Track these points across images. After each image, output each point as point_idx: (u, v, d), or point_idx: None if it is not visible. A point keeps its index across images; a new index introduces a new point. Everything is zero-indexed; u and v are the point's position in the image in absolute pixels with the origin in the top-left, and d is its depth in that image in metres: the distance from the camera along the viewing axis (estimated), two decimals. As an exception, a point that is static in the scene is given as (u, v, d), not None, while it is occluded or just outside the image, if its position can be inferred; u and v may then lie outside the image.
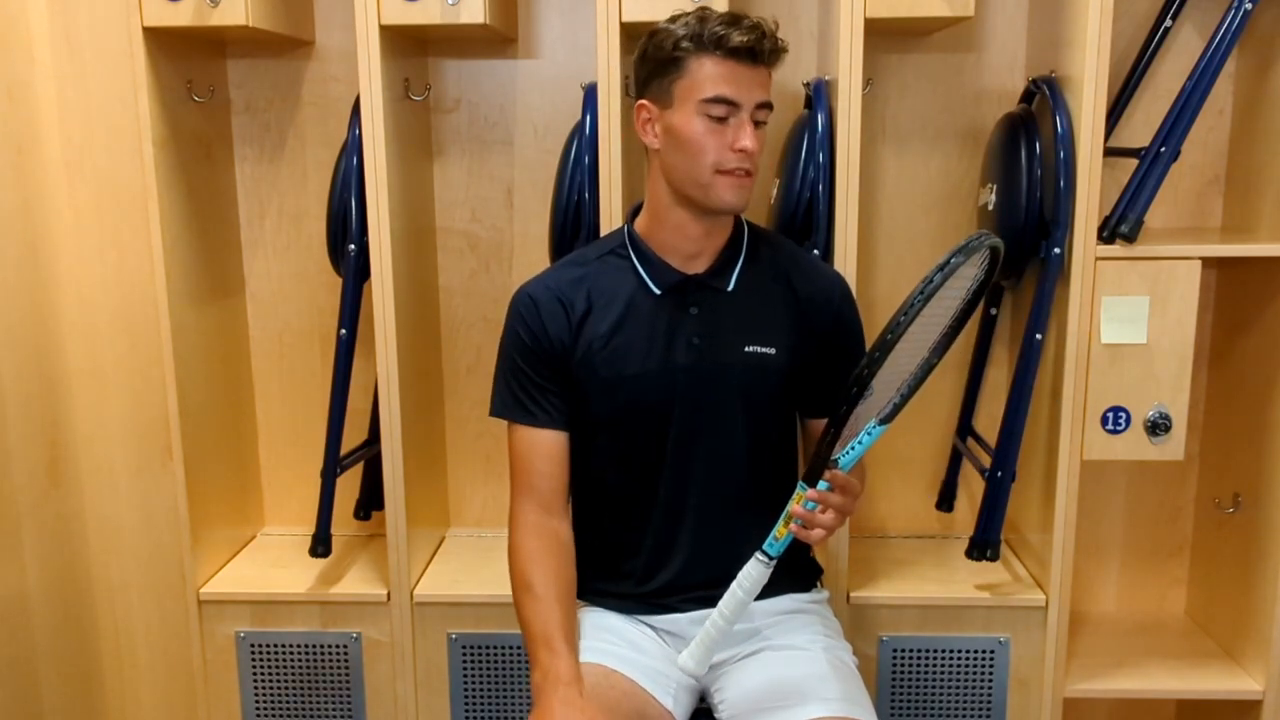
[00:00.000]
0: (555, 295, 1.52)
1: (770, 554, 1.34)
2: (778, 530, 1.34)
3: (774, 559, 1.35)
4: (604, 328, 1.51)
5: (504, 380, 1.55)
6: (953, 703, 2.01)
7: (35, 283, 1.89)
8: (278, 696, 2.07)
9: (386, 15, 1.81)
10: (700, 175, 1.41)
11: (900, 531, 2.27)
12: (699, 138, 1.40)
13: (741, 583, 1.36)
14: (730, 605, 1.36)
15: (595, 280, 1.53)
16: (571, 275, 1.55)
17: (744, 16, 1.41)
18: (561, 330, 1.51)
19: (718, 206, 1.44)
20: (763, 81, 1.41)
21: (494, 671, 2.04)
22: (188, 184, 1.99)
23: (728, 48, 1.38)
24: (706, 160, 1.40)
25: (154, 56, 1.86)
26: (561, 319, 1.51)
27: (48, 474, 1.93)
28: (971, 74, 2.07)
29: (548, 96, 2.13)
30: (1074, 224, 1.81)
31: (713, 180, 1.41)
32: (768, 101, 1.42)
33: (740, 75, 1.38)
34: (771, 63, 1.42)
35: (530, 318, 1.52)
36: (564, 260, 1.61)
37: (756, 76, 1.40)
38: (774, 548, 1.34)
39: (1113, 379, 1.84)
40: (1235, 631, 2.03)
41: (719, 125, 1.39)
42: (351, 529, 2.24)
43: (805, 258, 1.63)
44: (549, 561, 1.50)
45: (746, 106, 1.39)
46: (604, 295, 1.52)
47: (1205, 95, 1.79)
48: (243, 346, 2.23)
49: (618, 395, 1.50)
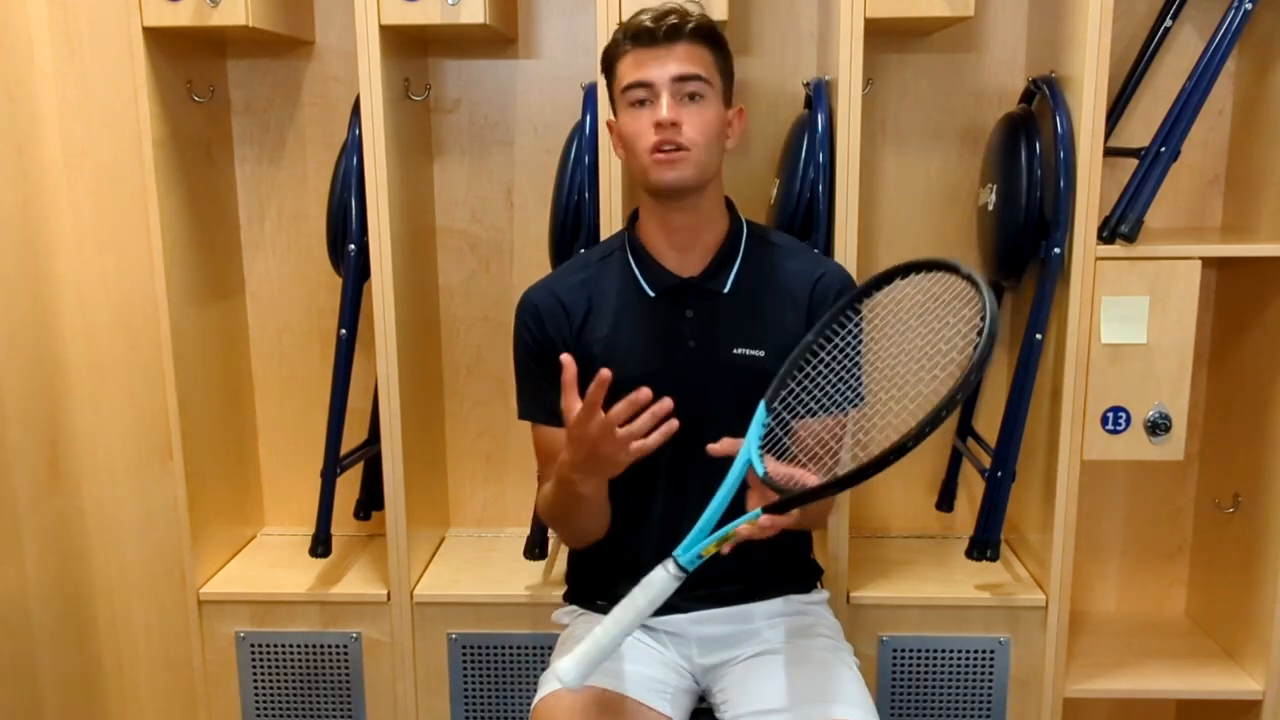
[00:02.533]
0: (557, 299, 1.54)
1: (687, 571, 1.27)
2: (707, 549, 1.27)
3: (686, 575, 1.28)
4: (604, 330, 1.52)
5: (521, 383, 1.59)
6: (953, 703, 2.01)
7: (35, 282, 1.89)
8: (278, 696, 2.07)
9: (386, 15, 1.81)
10: (640, 161, 1.45)
11: (900, 531, 2.27)
12: (628, 126, 1.45)
13: (646, 592, 1.27)
14: (629, 614, 1.26)
15: (596, 283, 1.55)
16: (574, 279, 1.57)
17: (663, 5, 1.45)
18: (563, 333, 1.53)
19: (657, 187, 1.45)
20: (680, 56, 1.42)
21: (494, 671, 2.04)
22: (188, 184, 1.99)
23: (633, 36, 1.44)
24: (638, 146, 1.44)
25: (154, 56, 1.86)
26: (563, 322, 1.53)
27: (48, 474, 1.93)
28: (971, 74, 2.07)
29: (548, 96, 2.13)
30: (1074, 224, 1.81)
31: (648, 163, 1.44)
32: (690, 74, 1.42)
33: (650, 58, 1.43)
34: (689, 39, 1.43)
35: (533, 323, 1.55)
36: (568, 263, 1.63)
37: (670, 54, 1.42)
38: (694, 564, 1.27)
39: (1113, 379, 1.84)
40: (1235, 631, 2.03)
41: (642, 110, 1.43)
42: (351, 529, 2.24)
43: (806, 253, 1.61)
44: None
45: (660, 83, 1.42)
46: (604, 298, 1.54)
47: (1205, 95, 1.79)
48: (243, 346, 2.24)
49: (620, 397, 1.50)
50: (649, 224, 1.54)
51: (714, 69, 1.45)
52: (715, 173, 1.49)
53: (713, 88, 1.44)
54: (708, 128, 1.43)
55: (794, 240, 1.65)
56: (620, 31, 1.47)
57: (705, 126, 1.43)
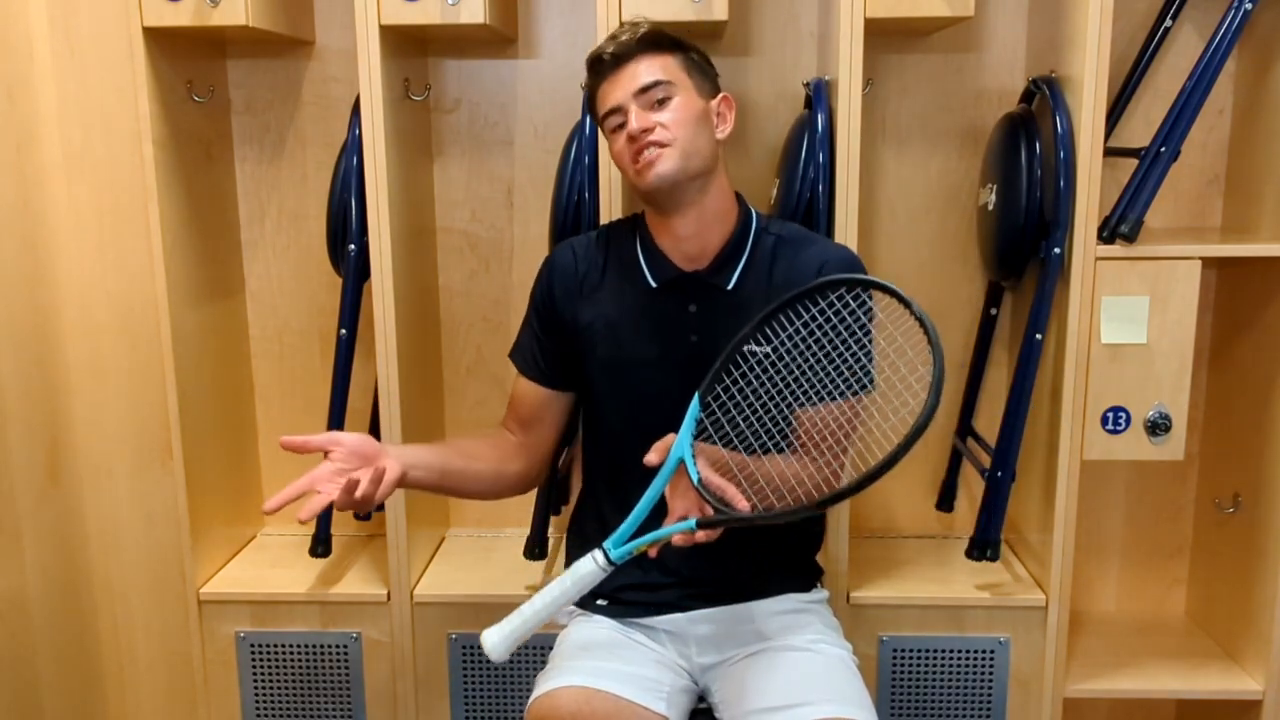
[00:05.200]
0: (574, 258, 1.60)
1: (615, 564, 1.29)
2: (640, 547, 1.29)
3: (613, 568, 1.30)
4: (606, 308, 1.55)
5: (523, 328, 1.65)
6: (953, 703, 2.01)
7: (35, 282, 1.89)
8: (278, 696, 2.07)
9: (386, 15, 1.82)
10: (629, 178, 1.49)
11: (900, 531, 2.27)
12: (613, 150, 1.50)
13: (575, 579, 1.29)
14: (555, 595, 1.29)
15: (611, 257, 1.59)
16: (596, 245, 1.61)
17: (620, 29, 1.49)
18: (568, 295, 1.57)
19: (648, 190, 1.47)
20: (636, 72, 1.45)
21: (494, 671, 2.03)
22: (188, 184, 1.99)
23: (594, 70, 1.50)
24: (624, 164, 1.48)
25: (154, 56, 1.86)
26: (572, 285, 1.58)
27: (48, 474, 1.93)
28: (971, 74, 2.08)
29: (548, 96, 2.13)
30: (1074, 224, 1.81)
31: (634, 174, 1.47)
32: (647, 84, 1.45)
33: (612, 84, 1.48)
34: (640, 53, 1.46)
35: (547, 277, 1.61)
36: (603, 227, 1.67)
37: (626, 73, 1.46)
38: (623, 559, 1.29)
39: (1113, 379, 1.84)
40: (1235, 631, 2.03)
41: (621, 132, 1.47)
42: (351, 529, 2.24)
43: (813, 243, 1.59)
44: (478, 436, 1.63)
45: (625, 102, 1.45)
46: (613, 275, 1.57)
47: (1205, 95, 1.79)
48: (243, 346, 2.23)
49: (615, 378, 1.53)
50: (655, 228, 1.55)
51: (676, 69, 1.47)
52: (708, 164, 1.48)
53: (679, 86, 1.46)
54: (683, 119, 1.45)
55: (802, 230, 1.62)
56: (586, 67, 1.51)
57: (679, 118, 1.44)
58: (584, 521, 1.66)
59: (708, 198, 1.50)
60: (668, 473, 1.31)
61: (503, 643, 1.30)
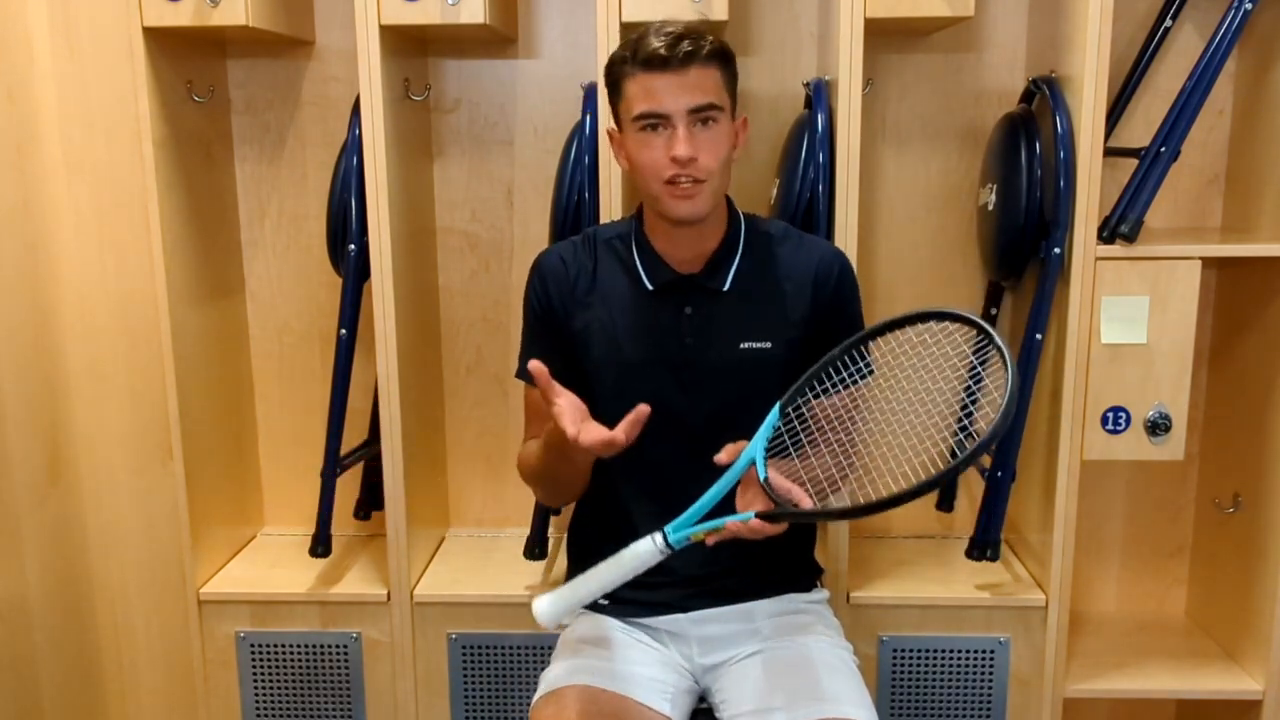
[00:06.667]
0: (563, 263, 1.57)
1: (674, 548, 1.29)
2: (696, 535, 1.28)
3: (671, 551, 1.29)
4: (600, 310, 1.54)
5: (524, 340, 1.62)
6: (953, 703, 2.01)
7: (35, 282, 1.89)
8: (278, 696, 2.07)
9: (386, 15, 1.82)
10: (651, 189, 1.44)
11: (900, 531, 2.27)
12: (640, 155, 1.43)
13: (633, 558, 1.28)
14: (613, 572, 1.29)
15: (601, 260, 1.57)
16: (582, 250, 1.58)
17: (670, 24, 1.41)
18: (562, 299, 1.55)
19: (673, 218, 1.45)
20: (693, 85, 1.39)
21: (494, 671, 2.04)
22: (188, 184, 1.99)
23: (643, 60, 1.39)
24: (651, 175, 1.42)
25: (154, 56, 1.86)
26: (565, 289, 1.55)
27: (48, 474, 1.93)
28: (971, 74, 2.07)
29: (548, 96, 2.13)
30: (1074, 224, 1.81)
31: (661, 192, 1.43)
32: (705, 104, 1.39)
33: (662, 85, 1.39)
34: (701, 63, 1.39)
35: (539, 283, 1.58)
36: (580, 235, 1.63)
37: (683, 82, 1.38)
38: (681, 545, 1.29)
39: (1113, 379, 1.84)
40: (1235, 631, 2.03)
41: (655, 138, 1.40)
42: (351, 529, 2.24)
43: (801, 240, 1.59)
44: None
45: (676, 115, 1.39)
46: (605, 278, 1.55)
47: (1205, 95, 1.79)
48: (243, 346, 2.23)
49: (611, 380, 1.52)
50: (654, 232, 1.54)
51: (724, 90, 1.43)
52: (725, 189, 1.49)
53: (724, 110, 1.43)
54: (722, 154, 1.42)
55: (788, 227, 1.62)
56: (629, 50, 1.42)
57: (719, 153, 1.42)
58: (584, 522, 1.67)
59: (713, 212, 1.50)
60: (739, 470, 1.31)
61: (552, 610, 1.29)
